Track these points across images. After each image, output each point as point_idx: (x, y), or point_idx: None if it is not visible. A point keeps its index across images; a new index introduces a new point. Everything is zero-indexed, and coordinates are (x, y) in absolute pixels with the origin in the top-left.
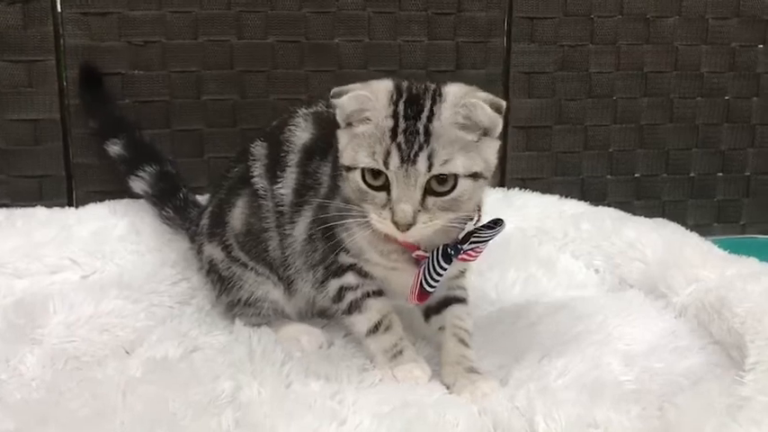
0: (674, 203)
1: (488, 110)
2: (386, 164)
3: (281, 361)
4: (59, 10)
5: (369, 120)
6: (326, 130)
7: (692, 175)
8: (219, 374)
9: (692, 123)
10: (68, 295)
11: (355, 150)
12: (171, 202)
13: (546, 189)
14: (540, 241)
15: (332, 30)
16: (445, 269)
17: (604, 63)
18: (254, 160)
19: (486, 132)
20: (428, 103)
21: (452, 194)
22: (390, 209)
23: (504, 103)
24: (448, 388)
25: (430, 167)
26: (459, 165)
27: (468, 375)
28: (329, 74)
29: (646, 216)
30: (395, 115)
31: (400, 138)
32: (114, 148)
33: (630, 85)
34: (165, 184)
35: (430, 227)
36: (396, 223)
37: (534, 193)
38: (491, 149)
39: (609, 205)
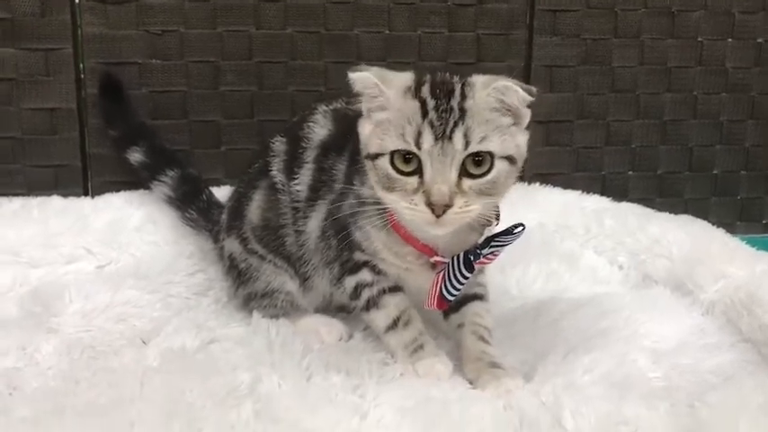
0: (696, 201)
1: (521, 92)
2: (418, 144)
3: (301, 353)
4: None
5: (384, 107)
6: (344, 126)
7: (715, 172)
8: (238, 366)
9: (715, 120)
10: (84, 285)
11: (381, 137)
12: (194, 203)
13: (566, 185)
14: (561, 237)
15: (351, 20)
16: (467, 278)
17: (627, 57)
18: (273, 156)
19: (516, 122)
20: (458, 86)
21: (489, 176)
22: (424, 192)
23: (534, 89)
24: (471, 383)
25: (467, 145)
26: (495, 144)
27: (491, 371)
28: (348, 65)
29: (668, 213)
30: (420, 97)
31: (432, 115)
32: (135, 156)
33: (654, 80)
34: (187, 186)
35: (466, 213)
36: (432, 205)
37: (555, 188)
38: (522, 138)
39: (630, 202)
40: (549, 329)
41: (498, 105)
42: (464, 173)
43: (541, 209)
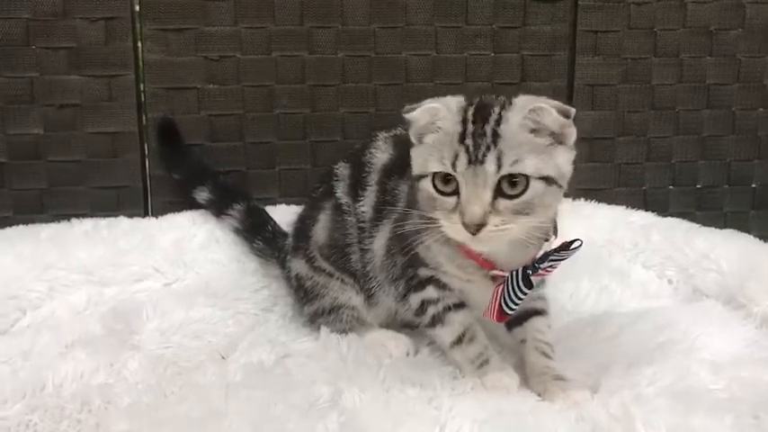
0: (735, 214)
1: (555, 113)
2: (454, 166)
3: (375, 367)
4: (139, 26)
5: (439, 128)
6: (405, 151)
7: (753, 186)
8: (316, 379)
9: (753, 135)
10: (159, 303)
11: (425, 158)
12: (260, 234)
13: (609, 200)
14: (609, 252)
15: (400, 44)
16: (526, 293)
17: (667, 75)
18: (337, 180)
19: (559, 140)
20: (497, 109)
21: (524, 197)
22: (460, 211)
23: (572, 110)
24: (539, 395)
25: (499, 168)
26: (529, 165)
27: (557, 383)
28: (397, 87)
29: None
30: (463, 121)
31: (468, 140)
32: (202, 195)
33: (693, 98)
34: (253, 218)
35: (503, 232)
36: (465, 225)
37: (601, 204)
38: (564, 157)
39: (671, 216)
40: (608, 343)
41: (535, 126)
42: (500, 193)
43: (588, 224)
